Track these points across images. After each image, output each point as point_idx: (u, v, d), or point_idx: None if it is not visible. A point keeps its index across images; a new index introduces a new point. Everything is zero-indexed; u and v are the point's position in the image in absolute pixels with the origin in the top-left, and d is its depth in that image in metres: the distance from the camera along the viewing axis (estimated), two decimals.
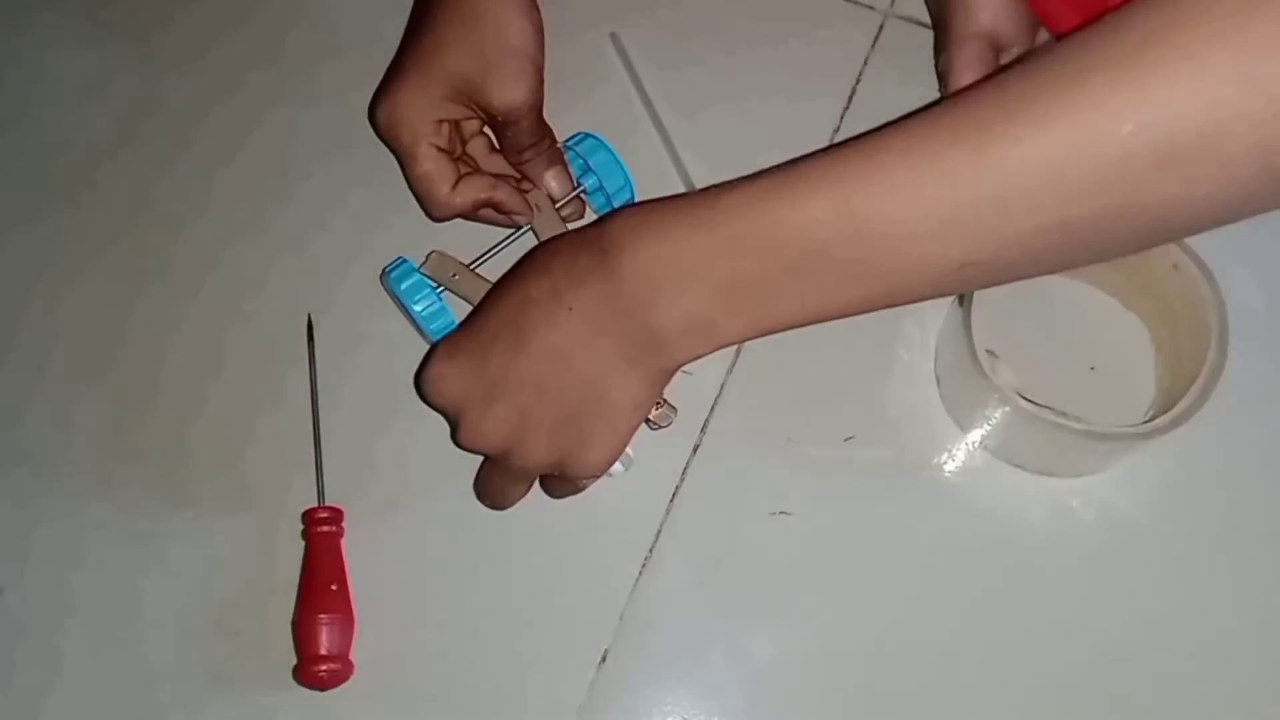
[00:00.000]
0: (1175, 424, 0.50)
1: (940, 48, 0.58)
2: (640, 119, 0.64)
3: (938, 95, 0.60)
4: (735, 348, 0.59)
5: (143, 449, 0.59)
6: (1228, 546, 0.55)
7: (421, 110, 0.56)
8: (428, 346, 0.59)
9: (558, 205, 0.59)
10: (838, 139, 0.62)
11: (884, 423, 0.57)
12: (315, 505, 0.57)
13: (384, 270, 0.58)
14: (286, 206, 0.64)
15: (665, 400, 0.55)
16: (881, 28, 0.65)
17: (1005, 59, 0.57)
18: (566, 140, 0.60)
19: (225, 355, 0.61)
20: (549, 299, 0.47)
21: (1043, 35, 0.58)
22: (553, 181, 0.58)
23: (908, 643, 0.54)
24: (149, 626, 0.57)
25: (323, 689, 0.54)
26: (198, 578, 0.57)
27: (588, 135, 0.60)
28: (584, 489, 0.54)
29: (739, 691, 0.54)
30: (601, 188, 0.59)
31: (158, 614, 0.57)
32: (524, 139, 0.57)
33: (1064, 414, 0.51)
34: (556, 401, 0.48)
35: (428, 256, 0.58)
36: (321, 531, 0.56)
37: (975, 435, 0.57)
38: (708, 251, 0.44)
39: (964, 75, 0.56)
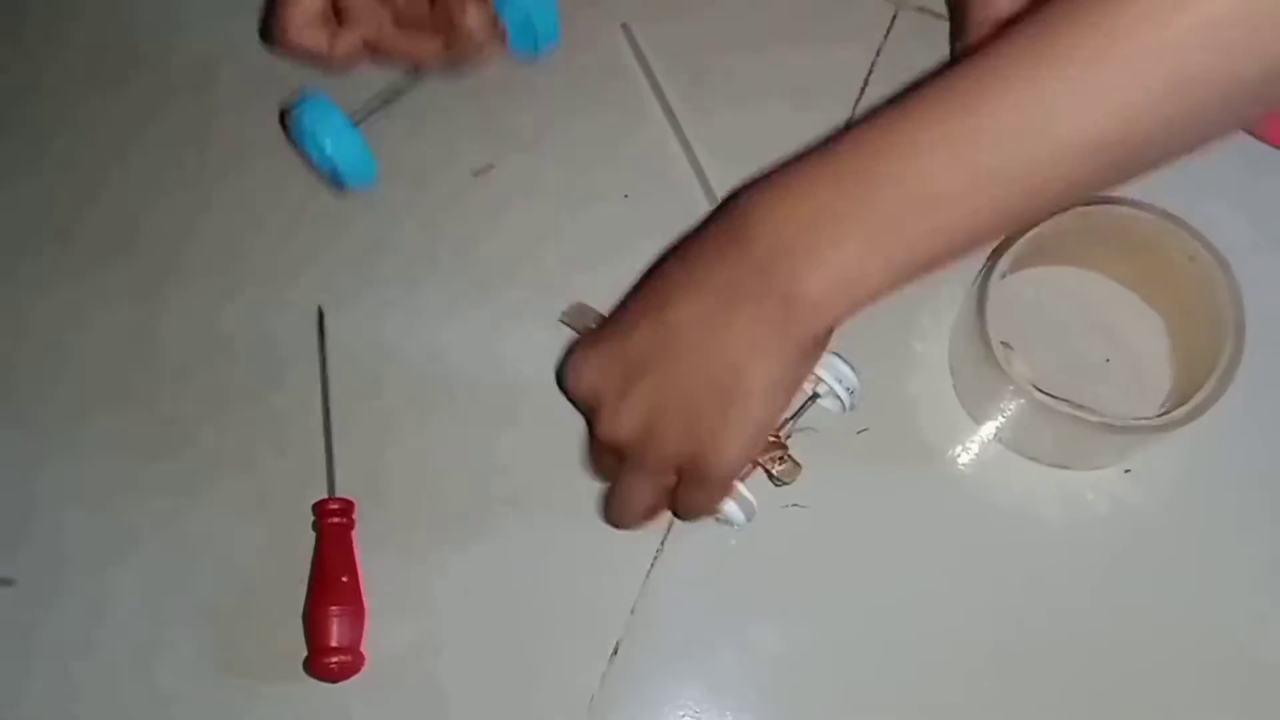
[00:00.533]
0: (1191, 417, 0.50)
1: (957, 34, 0.58)
2: (650, 110, 0.63)
3: None
4: None
5: (154, 442, 0.59)
6: (1242, 539, 0.55)
7: None
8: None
9: (478, 41, 0.56)
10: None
11: (898, 415, 0.57)
12: (326, 496, 0.57)
13: (287, 108, 0.55)
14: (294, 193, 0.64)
15: (791, 456, 0.54)
16: (895, 18, 0.64)
17: None
18: None
19: (235, 347, 0.61)
20: (687, 283, 0.46)
21: None
22: (474, 13, 0.56)
23: (920, 636, 0.54)
24: (159, 617, 0.57)
25: (333, 681, 0.54)
26: (208, 569, 0.57)
27: None
28: (718, 508, 0.52)
29: (750, 684, 0.54)
30: (528, 23, 0.58)
31: (168, 605, 0.57)
32: None
33: (1079, 406, 0.51)
34: (694, 385, 0.46)
35: (569, 307, 0.58)
36: (332, 523, 0.56)
37: (989, 427, 0.56)
38: (835, 201, 0.42)
39: None
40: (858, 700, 0.54)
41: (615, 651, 0.55)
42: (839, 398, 0.55)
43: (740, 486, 0.53)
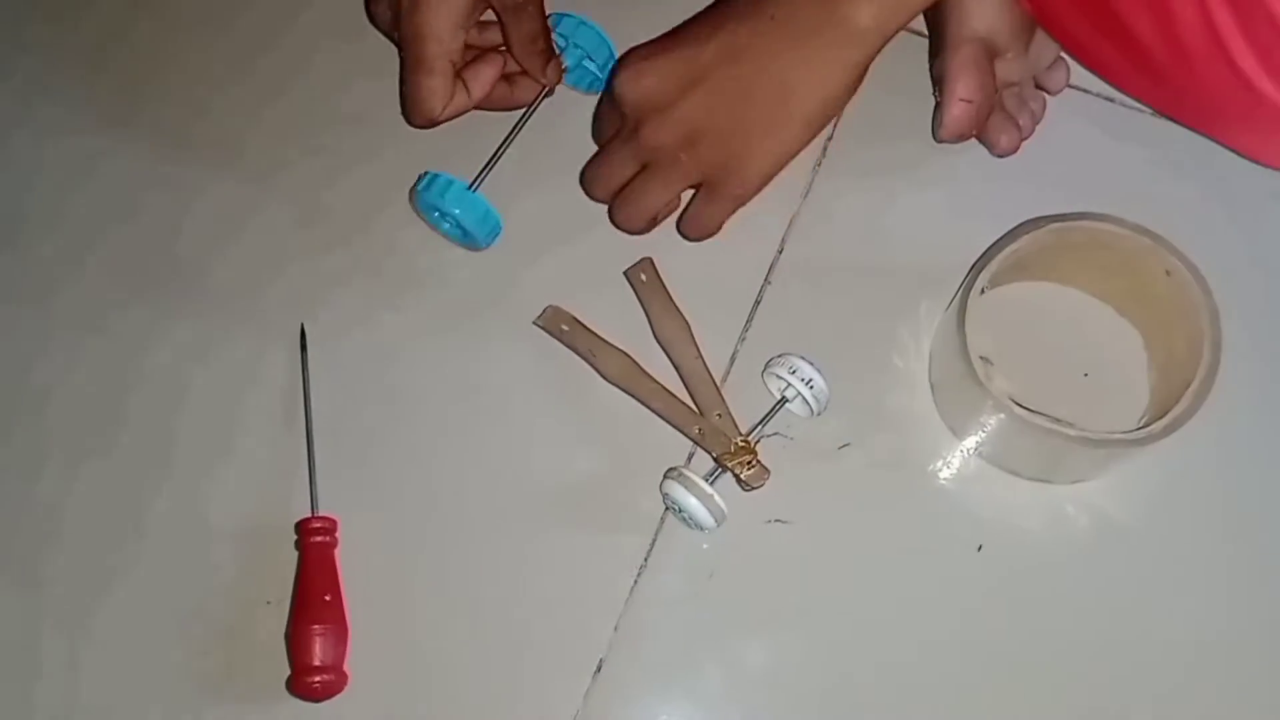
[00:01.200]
0: (1169, 430, 0.51)
1: (935, 52, 0.58)
2: None
3: (931, 101, 0.60)
4: (729, 355, 0.59)
5: (137, 460, 0.59)
6: (1222, 552, 0.55)
7: (452, 19, 0.56)
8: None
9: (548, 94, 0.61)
10: (830, 146, 0.62)
11: (879, 430, 0.57)
12: (309, 515, 0.57)
13: (413, 188, 0.59)
14: (282, 205, 0.64)
15: (760, 461, 0.55)
16: None
17: (1000, 64, 0.57)
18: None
19: (214, 364, 0.61)
20: (752, 10, 0.52)
21: (1038, 38, 0.58)
22: (553, 72, 0.60)
23: (904, 650, 0.54)
24: (142, 638, 0.56)
25: (316, 700, 0.54)
26: (191, 588, 0.57)
27: (564, 15, 0.62)
28: (719, 227, 0.56)
29: (734, 701, 0.54)
30: (583, 64, 0.61)
31: (151, 625, 0.56)
32: (535, 25, 0.58)
33: (1058, 420, 0.51)
34: (747, 101, 0.52)
35: (544, 311, 0.59)
36: (315, 542, 0.56)
37: (970, 442, 0.57)
38: None
39: (960, 79, 0.56)
40: (842, 715, 0.54)
41: (599, 669, 0.55)
42: (807, 401, 0.55)
43: (710, 490, 0.53)
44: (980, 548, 0.56)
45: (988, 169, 0.60)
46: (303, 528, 0.56)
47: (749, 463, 0.55)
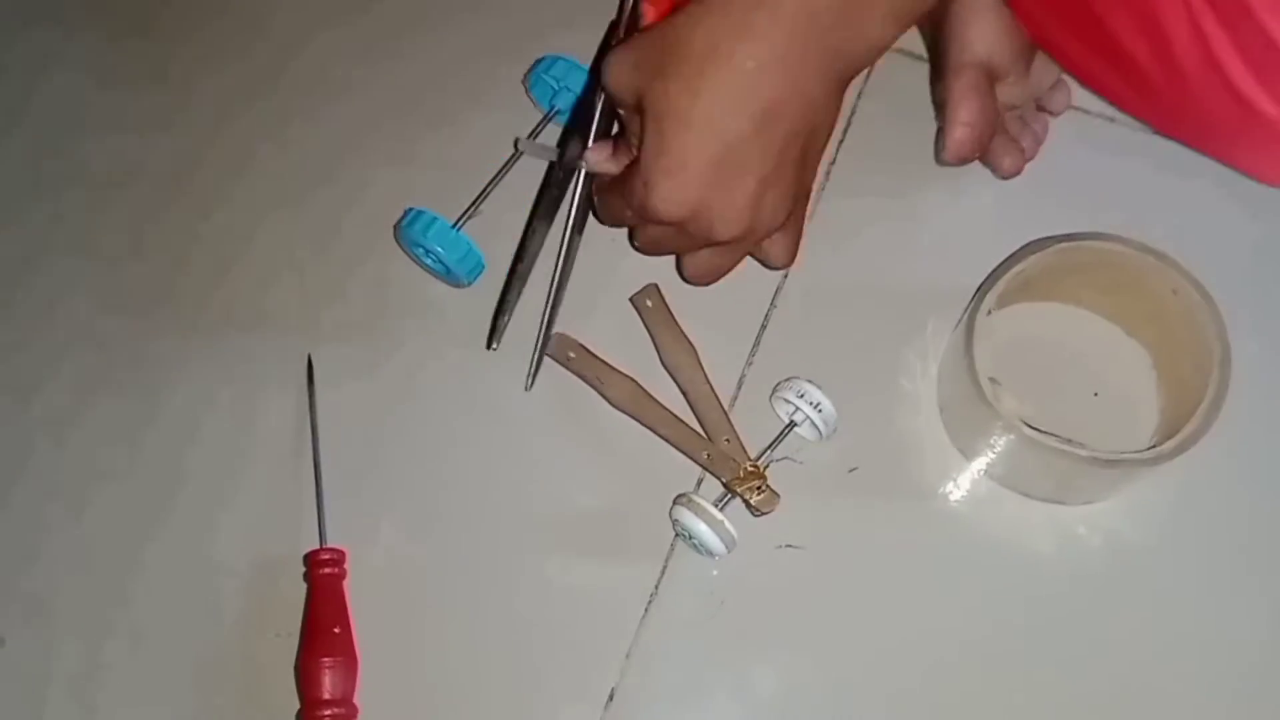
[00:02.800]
0: (1180, 449, 0.50)
1: (936, 77, 0.58)
2: None
3: (934, 125, 0.60)
4: (736, 379, 0.59)
5: (145, 492, 0.59)
6: (1235, 571, 0.55)
7: None
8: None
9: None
10: (834, 170, 0.62)
11: (888, 453, 0.57)
12: (317, 547, 0.56)
13: (398, 224, 0.60)
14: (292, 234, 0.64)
15: (770, 486, 0.55)
16: None
17: (1001, 87, 0.58)
18: (534, 65, 0.62)
19: (223, 395, 0.61)
20: (777, 69, 0.46)
21: (1039, 61, 0.58)
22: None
23: (916, 674, 0.54)
24: (152, 672, 0.56)
25: None
26: (200, 622, 0.57)
27: (556, 58, 0.62)
28: (734, 265, 0.54)
29: None
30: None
31: (161, 659, 0.56)
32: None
33: (1068, 441, 0.51)
34: (786, 157, 0.48)
35: (553, 336, 0.59)
36: (324, 574, 0.55)
37: (980, 464, 0.56)
38: None
39: (961, 104, 0.56)
40: None
41: (611, 698, 0.54)
42: (815, 425, 0.55)
43: (720, 516, 0.53)
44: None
45: (992, 191, 0.60)
46: (311, 559, 0.56)
47: (759, 488, 0.55)
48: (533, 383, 0.59)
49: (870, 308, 0.60)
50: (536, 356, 0.59)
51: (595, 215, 0.57)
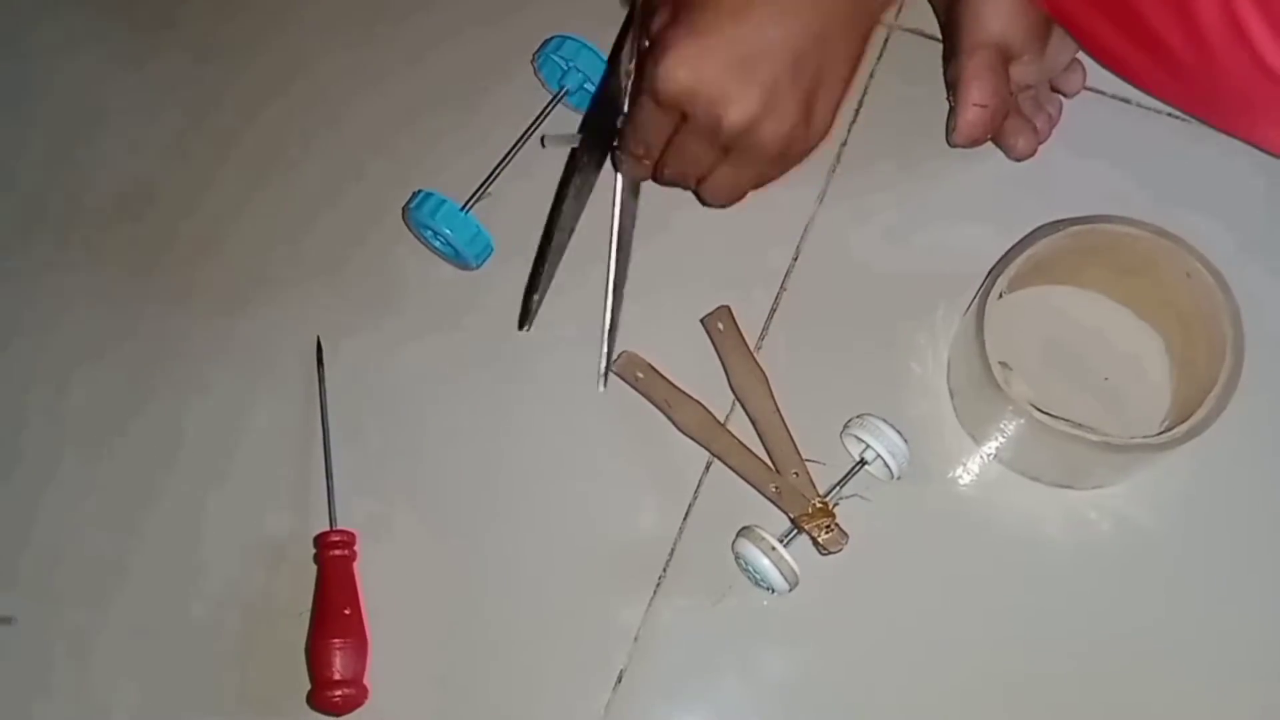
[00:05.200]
0: (1192, 434, 0.50)
1: (949, 56, 0.58)
2: None
3: (946, 106, 0.59)
4: None
5: (154, 474, 0.59)
6: (1246, 556, 0.55)
7: None
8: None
9: None
10: (845, 151, 0.62)
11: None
12: (327, 529, 0.57)
13: (406, 206, 0.59)
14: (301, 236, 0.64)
15: (838, 525, 0.54)
16: (887, 40, 0.64)
17: (1015, 67, 0.57)
18: (543, 45, 0.62)
19: (233, 376, 0.61)
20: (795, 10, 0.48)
21: (1054, 41, 0.58)
22: None
23: (924, 657, 0.54)
24: (161, 652, 0.56)
25: (337, 715, 0.54)
26: (211, 603, 0.57)
27: (565, 38, 0.62)
28: (750, 184, 0.54)
29: (755, 711, 0.54)
30: (584, 87, 0.61)
31: (171, 641, 0.57)
32: None
33: (1079, 425, 0.51)
34: (800, 66, 0.49)
35: (619, 355, 0.58)
36: (334, 555, 0.56)
37: (990, 448, 0.56)
38: None
39: (974, 84, 0.55)
40: None
41: (619, 680, 0.55)
42: (888, 465, 0.54)
43: (785, 553, 0.52)
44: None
45: (1004, 173, 0.60)
46: (321, 541, 0.56)
47: (827, 526, 0.54)
48: (605, 383, 0.59)
49: (880, 291, 0.59)
50: (606, 355, 0.58)
51: (615, 165, 0.57)
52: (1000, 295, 0.53)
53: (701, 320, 0.59)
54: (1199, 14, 0.46)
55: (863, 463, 0.55)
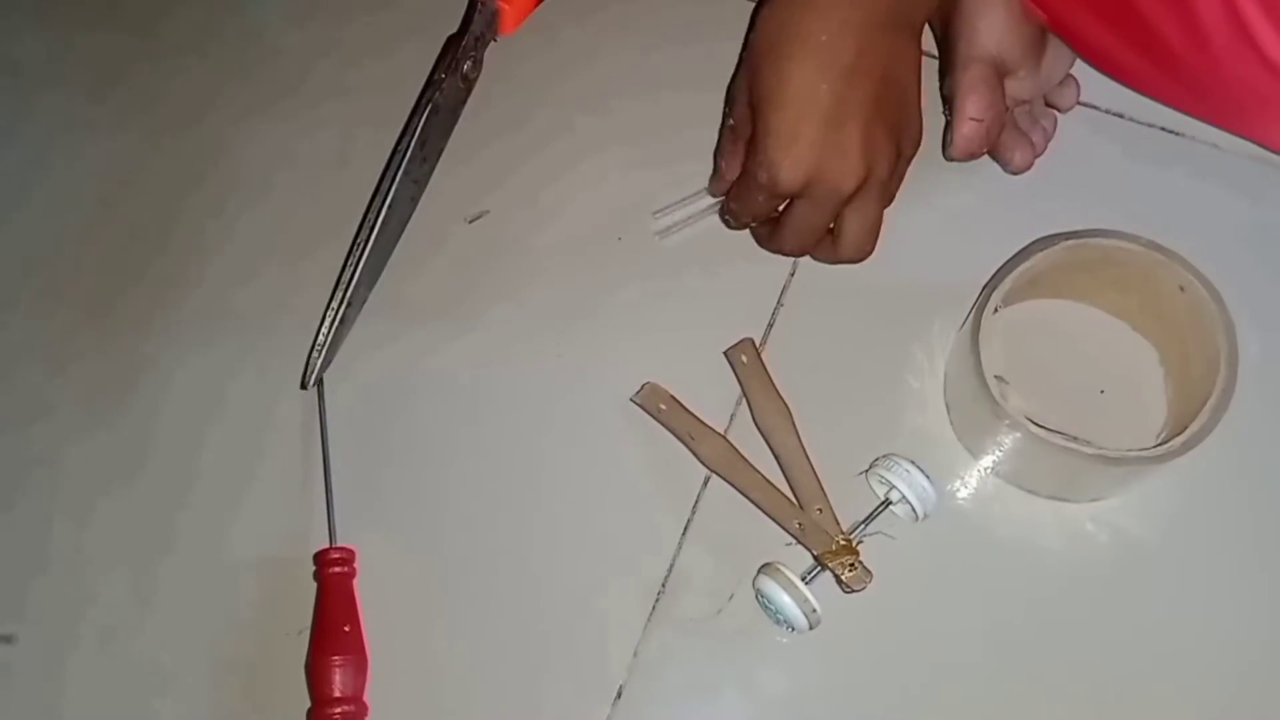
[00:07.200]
0: (1188, 447, 0.50)
1: (945, 71, 0.58)
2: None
3: (943, 120, 0.60)
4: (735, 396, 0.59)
5: (155, 494, 0.60)
6: (1242, 569, 0.55)
7: None
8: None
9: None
10: None
11: (895, 451, 0.57)
12: (327, 546, 0.57)
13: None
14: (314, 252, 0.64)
15: (862, 563, 0.53)
16: None
17: (1011, 82, 0.57)
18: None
19: (232, 393, 0.61)
20: (827, 28, 0.50)
21: (1049, 56, 0.58)
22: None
23: (922, 672, 0.54)
24: (161, 671, 0.56)
25: None
26: (211, 621, 0.57)
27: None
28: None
29: None
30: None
31: (170, 657, 0.57)
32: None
33: (1075, 438, 0.51)
34: (881, 104, 0.51)
35: (641, 387, 0.58)
36: (334, 573, 0.56)
37: (987, 461, 0.56)
38: None
39: (970, 98, 0.56)
40: None
41: (619, 696, 0.55)
42: (913, 508, 0.54)
43: (806, 592, 0.52)
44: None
45: (1000, 187, 0.60)
46: (321, 558, 0.56)
47: (851, 564, 0.53)
48: (309, 384, 0.59)
49: (877, 305, 0.59)
50: (324, 349, 0.59)
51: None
52: (996, 310, 0.53)
53: (725, 353, 0.58)
54: (1200, 13, 0.46)
55: (887, 503, 0.55)
